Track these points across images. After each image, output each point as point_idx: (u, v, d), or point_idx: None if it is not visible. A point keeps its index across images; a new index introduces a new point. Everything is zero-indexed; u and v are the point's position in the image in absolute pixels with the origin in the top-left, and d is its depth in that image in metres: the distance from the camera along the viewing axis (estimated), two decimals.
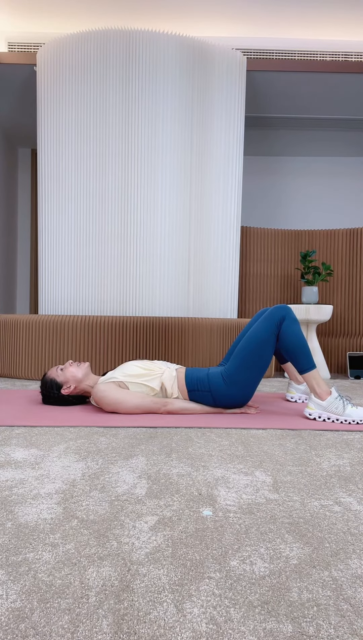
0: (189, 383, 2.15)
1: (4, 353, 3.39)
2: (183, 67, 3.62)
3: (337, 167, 5.64)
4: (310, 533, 0.94)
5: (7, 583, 0.74)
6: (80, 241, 3.64)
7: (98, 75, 3.58)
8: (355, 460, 1.45)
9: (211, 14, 4.00)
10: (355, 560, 0.83)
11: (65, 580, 0.76)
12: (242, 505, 1.07)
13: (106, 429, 1.81)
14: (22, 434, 1.72)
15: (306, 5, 3.86)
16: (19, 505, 1.05)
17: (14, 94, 4.41)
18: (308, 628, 0.65)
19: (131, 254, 3.58)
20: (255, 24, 4.10)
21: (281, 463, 1.41)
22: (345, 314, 4.54)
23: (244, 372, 2.10)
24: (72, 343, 3.19)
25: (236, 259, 3.89)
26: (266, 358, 2.12)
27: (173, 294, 3.63)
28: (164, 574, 0.78)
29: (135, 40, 3.55)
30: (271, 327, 2.11)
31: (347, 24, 4.09)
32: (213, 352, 3.38)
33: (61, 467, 1.33)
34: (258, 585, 0.75)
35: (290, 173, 5.66)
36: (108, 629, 0.64)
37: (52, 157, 3.71)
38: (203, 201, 3.76)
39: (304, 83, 4.16)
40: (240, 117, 3.87)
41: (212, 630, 0.64)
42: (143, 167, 3.58)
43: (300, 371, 2.12)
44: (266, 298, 4.66)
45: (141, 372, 2.16)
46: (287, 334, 2.10)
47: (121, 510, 1.03)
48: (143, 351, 3.21)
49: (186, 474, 1.28)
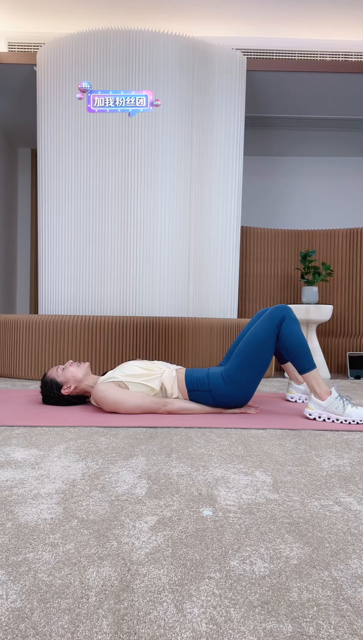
0: (189, 383, 2.15)
1: (4, 353, 3.39)
2: (183, 67, 3.62)
3: (337, 167, 5.64)
4: (310, 533, 0.94)
5: (7, 583, 0.74)
6: (80, 241, 3.64)
7: (98, 75, 3.58)
8: (355, 460, 1.45)
9: (211, 14, 4.00)
10: (355, 560, 0.83)
11: (65, 580, 0.76)
12: (242, 505, 1.07)
13: (106, 429, 1.81)
14: (22, 434, 1.72)
15: (306, 5, 3.86)
16: (19, 505, 1.05)
17: (14, 94, 4.41)
18: (308, 628, 0.65)
19: (131, 254, 3.58)
20: (254, 24, 4.10)
21: (281, 463, 1.41)
22: (345, 314, 4.53)
23: (244, 372, 2.10)
24: (72, 343, 3.19)
25: (236, 259, 3.89)
26: (266, 358, 2.12)
27: (173, 294, 3.63)
28: (164, 574, 0.78)
29: (135, 40, 3.55)
30: (271, 328, 2.11)
31: (347, 24, 4.08)
32: (213, 352, 3.38)
33: (61, 467, 1.33)
34: (258, 585, 0.75)
35: (290, 173, 5.66)
36: (108, 629, 0.64)
37: (52, 157, 3.71)
38: (203, 201, 3.76)
39: (304, 83, 4.16)
40: (239, 117, 3.87)
41: (212, 630, 0.64)
42: (143, 167, 3.58)
43: (300, 371, 2.12)
44: (266, 298, 4.66)
45: (140, 372, 2.16)
46: (287, 334, 2.10)
47: (121, 510, 1.03)
48: (143, 351, 3.21)
49: (186, 474, 1.28)
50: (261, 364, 2.12)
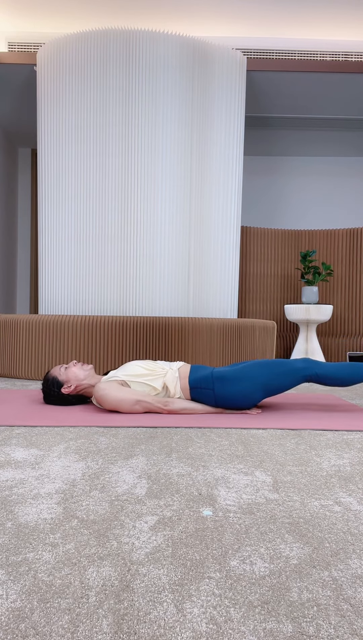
0: (192, 380, 2.15)
1: (4, 353, 3.39)
2: (183, 67, 3.62)
3: (337, 167, 5.64)
4: (310, 533, 0.94)
5: (7, 583, 0.74)
6: (80, 241, 3.64)
7: (98, 75, 3.58)
8: (355, 460, 1.45)
9: (211, 14, 4.00)
10: (355, 560, 0.83)
11: (65, 580, 0.76)
12: (242, 505, 1.07)
13: (106, 429, 1.81)
14: (22, 434, 1.72)
15: (306, 5, 3.86)
16: (19, 505, 1.05)
17: (14, 94, 4.41)
18: (308, 628, 0.65)
19: (131, 254, 3.58)
20: (255, 24, 4.10)
21: (281, 463, 1.41)
22: (345, 314, 4.53)
23: (258, 393, 2.14)
24: (72, 343, 3.19)
25: (236, 258, 3.89)
26: (281, 390, 2.17)
27: (173, 294, 3.63)
28: (164, 574, 0.78)
29: (135, 40, 3.55)
30: (297, 380, 2.17)
31: (347, 24, 4.09)
32: (213, 352, 3.38)
33: (61, 467, 1.33)
34: (258, 585, 0.75)
35: (290, 173, 5.66)
36: (108, 628, 0.64)
37: (52, 157, 3.71)
38: (203, 201, 3.76)
39: (304, 83, 4.16)
40: (240, 117, 3.86)
41: (212, 630, 0.64)
42: (143, 167, 3.58)
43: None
44: (266, 298, 4.66)
45: (143, 371, 2.16)
46: (328, 380, 2.16)
47: (121, 510, 1.03)
48: (143, 351, 3.21)
49: (186, 474, 1.28)
50: (275, 390, 2.16)
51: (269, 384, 2.13)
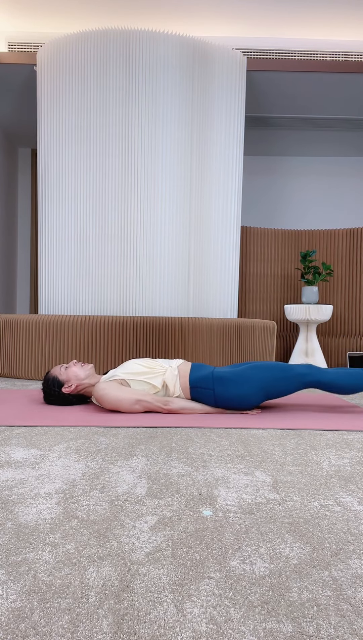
0: (193, 380, 2.15)
1: (4, 353, 3.39)
2: (183, 67, 3.62)
3: (337, 167, 5.64)
4: (310, 533, 0.94)
5: (7, 583, 0.74)
6: (80, 241, 3.64)
7: (98, 75, 3.58)
8: (355, 460, 1.45)
9: (211, 14, 4.00)
10: (355, 560, 0.83)
11: (65, 580, 0.76)
12: (242, 505, 1.07)
13: (106, 429, 1.81)
14: (22, 434, 1.72)
15: (306, 5, 3.86)
16: (19, 505, 1.05)
17: (14, 94, 4.41)
18: (308, 628, 0.65)
19: (131, 254, 3.58)
20: (255, 24, 4.10)
21: (281, 463, 1.41)
22: (345, 314, 4.53)
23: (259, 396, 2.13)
24: (72, 343, 3.19)
25: (236, 258, 3.89)
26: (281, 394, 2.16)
27: (173, 294, 3.63)
28: (164, 574, 0.78)
29: (135, 40, 3.55)
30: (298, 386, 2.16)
31: (347, 24, 4.08)
32: (213, 352, 3.38)
33: (61, 467, 1.33)
34: (258, 585, 0.75)
35: (290, 173, 5.66)
36: (108, 628, 0.64)
37: (52, 157, 3.71)
38: (203, 201, 3.76)
39: (304, 83, 4.16)
40: (240, 117, 3.86)
41: (212, 630, 0.64)
42: (143, 167, 3.58)
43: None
44: (266, 298, 4.66)
45: (142, 370, 2.16)
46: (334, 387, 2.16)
47: (121, 510, 1.03)
48: (143, 351, 3.21)
49: (186, 474, 1.28)
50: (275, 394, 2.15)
51: (270, 388, 2.13)
